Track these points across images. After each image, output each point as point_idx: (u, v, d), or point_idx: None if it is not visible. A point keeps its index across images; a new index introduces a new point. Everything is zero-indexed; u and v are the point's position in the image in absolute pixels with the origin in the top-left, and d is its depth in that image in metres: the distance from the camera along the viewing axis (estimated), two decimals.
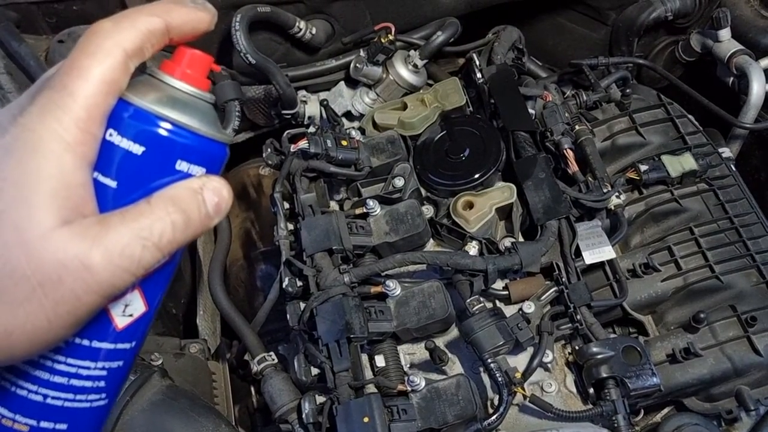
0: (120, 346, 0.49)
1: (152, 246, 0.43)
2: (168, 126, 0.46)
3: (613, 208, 1.19)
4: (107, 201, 0.45)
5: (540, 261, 1.10)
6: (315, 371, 1.06)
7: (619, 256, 1.20)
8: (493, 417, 0.96)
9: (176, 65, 0.48)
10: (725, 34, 1.46)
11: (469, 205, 1.16)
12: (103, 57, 0.43)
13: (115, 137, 0.45)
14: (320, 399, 1.04)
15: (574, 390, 1.08)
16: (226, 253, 1.26)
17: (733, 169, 1.34)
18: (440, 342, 1.13)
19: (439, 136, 1.25)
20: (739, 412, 1.10)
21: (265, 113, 1.54)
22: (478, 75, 1.28)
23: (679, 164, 1.22)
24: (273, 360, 1.13)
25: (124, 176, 0.46)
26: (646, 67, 1.55)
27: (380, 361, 1.08)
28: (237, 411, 1.38)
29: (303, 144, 1.18)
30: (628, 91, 1.30)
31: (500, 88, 1.27)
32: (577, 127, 1.28)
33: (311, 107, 1.40)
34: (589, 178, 1.20)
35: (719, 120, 1.45)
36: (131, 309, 0.48)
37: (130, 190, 0.46)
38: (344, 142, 1.20)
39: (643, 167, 1.21)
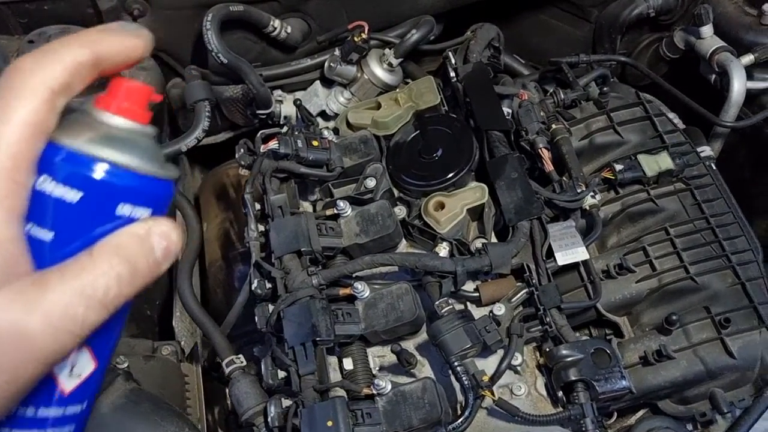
0: (69, 410, 0.44)
1: (97, 304, 0.39)
2: (105, 167, 0.42)
3: (588, 208, 1.18)
4: (44, 255, 0.41)
5: (510, 262, 1.08)
6: (282, 374, 1.05)
7: (594, 256, 1.19)
8: (459, 421, 0.95)
9: (111, 99, 0.44)
10: (707, 30, 1.44)
11: (440, 206, 1.14)
12: (26, 97, 0.39)
13: (47, 184, 0.41)
14: (287, 402, 1.03)
15: (545, 393, 1.06)
16: (196, 255, 1.25)
17: (713, 168, 1.32)
18: (410, 344, 1.12)
19: (412, 136, 1.23)
20: (713, 414, 1.09)
21: (243, 113, 1.53)
22: (452, 74, 1.26)
23: (656, 163, 1.20)
24: (241, 363, 1.12)
25: (61, 227, 0.42)
26: (628, 65, 1.53)
27: (348, 364, 1.07)
28: (216, 413, 1.37)
29: (273, 144, 1.17)
30: (605, 89, 1.29)
31: (475, 86, 1.25)
32: (553, 126, 1.26)
33: (287, 107, 1.38)
34: (564, 178, 1.19)
35: (702, 118, 1.43)
36: (79, 369, 0.44)
37: (69, 242, 0.42)
38: (315, 143, 1.18)
39: (619, 166, 1.19)
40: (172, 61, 1.40)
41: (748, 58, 1.37)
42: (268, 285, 1.12)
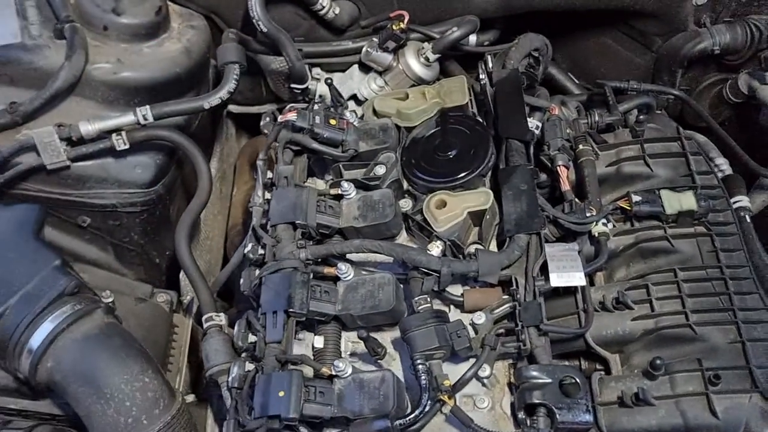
0: None
1: None
2: None
3: (596, 234, 1.13)
4: None
5: (498, 273, 1.05)
6: (252, 338, 1.07)
7: (597, 286, 1.15)
8: (407, 419, 0.93)
9: None
10: None
11: (442, 204, 1.12)
12: None
13: None
14: (250, 366, 1.04)
15: (509, 412, 1.03)
16: (200, 210, 1.28)
17: (747, 220, 1.25)
18: (387, 336, 1.11)
19: (432, 131, 1.22)
20: None
21: (288, 87, 1.55)
22: (482, 76, 1.24)
23: (678, 202, 1.14)
24: (220, 321, 1.14)
25: None
26: (680, 100, 1.45)
27: (319, 342, 1.07)
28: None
29: (291, 116, 1.18)
30: (641, 117, 1.23)
31: (504, 93, 1.23)
32: (580, 147, 1.22)
33: (323, 86, 1.40)
34: (577, 200, 1.15)
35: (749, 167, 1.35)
36: None
37: None
38: (333, 122, 1.19)
39: (636, 197, 1.14)
40: (222, 23, 1.44)
41: None
42: (261, 251, 1.13)
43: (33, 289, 1.03)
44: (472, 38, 1.43)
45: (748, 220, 1.29)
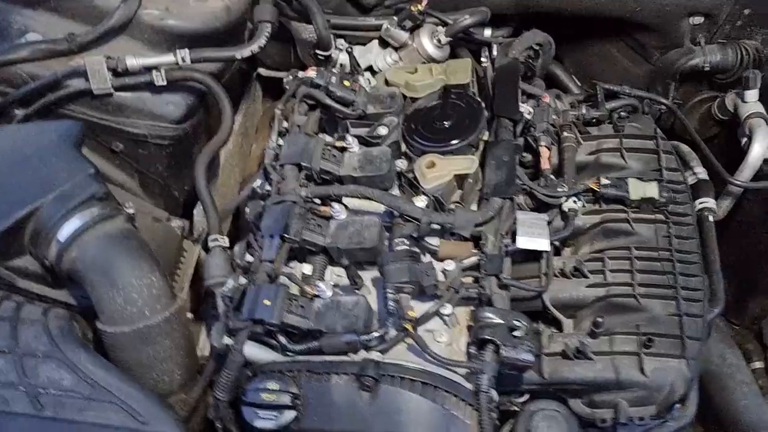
0: None
1: None
2: None
3: (566, 210, 1.27)
4: None
5: (472, 228, 1.19)
6: (250, 258, 1.21)
7: (562, 257, 1.28)
8: (370, 336, 1.07)
9: None
10: (752, 95, 1.47)
11: (432, 165, 1.26)
12: None
13: None
14: (244, 281, 1.19)
15: (464, 350, 1.16)
16: (220, 145, 1.43)
17: (710, 220, 1.37)
18: (367, 275, 1.24)
19: (433, 104, 1.36)
20: (613, 423, 1.14)
21: (314, 57, 1.71)
22: (483, 59, 1.38)
23: (642, 189, 1.27)
24: (224, 242, 1.29)
25: None
26: (666, 108, 1.57)
27: (307, 269, 1.22)
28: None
29: (311, 73, 1.33)
30: (623, 113, 1.36)
31: (503, 76, 1.37)
32: (564, 134, 1.36)
33: (345, 56, 1.55)
34: (552, 177, 1.28)
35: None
36: None
37: None
38: (346, 83, 1.34)
39: (605, 181, 1.27)
40: None
41: None
42: (268, 187, 1.28)
43: (68, 190, 1.19)
44: (487, 32, 1.57)
45: (711, 219, 1.42)
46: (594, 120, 1.41)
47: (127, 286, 1.15)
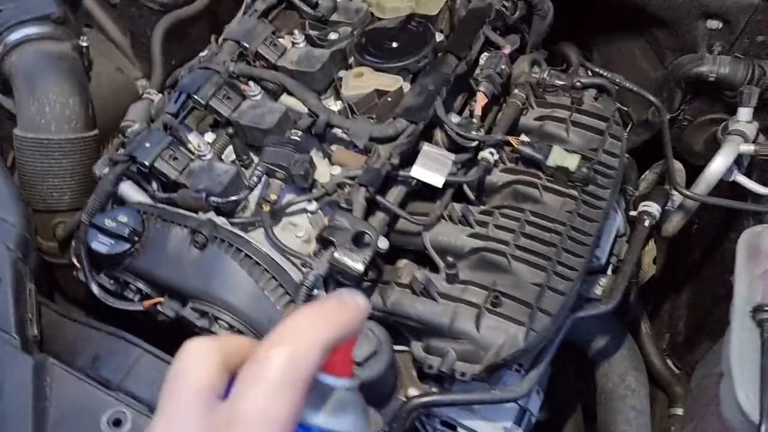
0: None
1: None
2: None
3: (480, 159, 1.21)
4: None
5: (366, 139, 1.17)
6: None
7: (464, 205, 1.22)
8: (219, 199, 1.09)
9: (333, 363, 0.44)
10: (744, 113, 1.34)
11: (360, 75, 1.25)
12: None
13: None
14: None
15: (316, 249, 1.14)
16: (188, 14, 1.50)
17: (645, 224, 1.28)
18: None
19: (392, 26, 1.35)
20: (438, 372, 1.09)
21: None
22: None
23: (561, 158, 1.19)
24: (154, 96, 1.35)
25: None
26: (655, 109, 1.46)
27: (209, 137, 1.25)
28: None
29: None
30: (578, 83, 1.28)
31: (469, 18, 1.33)
32: (515, 91, 1.30)
33: None
34: (474, 121, 1.23)
35: None
36: None
37: None
38: None
39: (525, 139, 1.20)
40: None
41: (748, 147, 1.26)
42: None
43: (31, 3, 1.30)
44: None
45: (646, 224, 1.31)
46: (555, 88, 1.33)
47: (42, 97, 1.24)
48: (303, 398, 0.41)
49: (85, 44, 1.35)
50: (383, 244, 1.07)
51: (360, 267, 1.04)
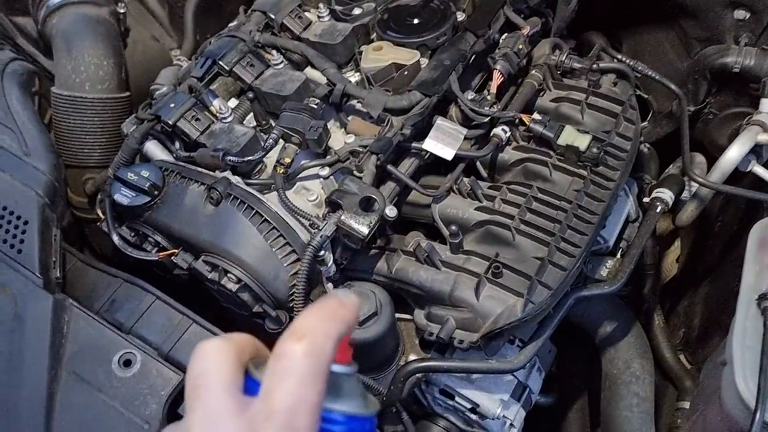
0: None
1: None
2: (340, 419, 0.47)
3: (492, 135, 1.23)
4: None
5: (380, 110, 1.20)
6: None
7: (473, 179, 1.24)
8: (236, 158, 1.14)
9: (339, 352, 0.48)
10: (767, 104, 1.32)
11: (379, 48, 1.29)
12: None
13: None
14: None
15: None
16: None
17: (657, 210, 1.28)
18: None
19: (414, 3, 1.37)
20: (437, 339, 1.11)
21: None
22: None
23: (573, 138, 1.20)
24: (183, 63, 1.40)
25: None
26: (675, 95, 1.45)
27: (232, 103, 1.30)
28: None
29: None
30: (595, 66, 1.29)
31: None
32: (533, 72, 1.31)
33: None
34: (489, 98, 1.25)
35: None
36: None
37: None
38: None
39: (537, 117, 1.22)
40: None
41: (766, 137, 1.25)
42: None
43: None
44: None
45: (658, 210, 1.30)
46: (573, 70, 1.34)
47: (78, 57, 1.30)
48: (325, 386, 0.45)
49: (122, 11, 1.41)
50: (391, 212, 1.10)
51: (364, 230, 1.07)
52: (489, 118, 1.22)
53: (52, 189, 1.15)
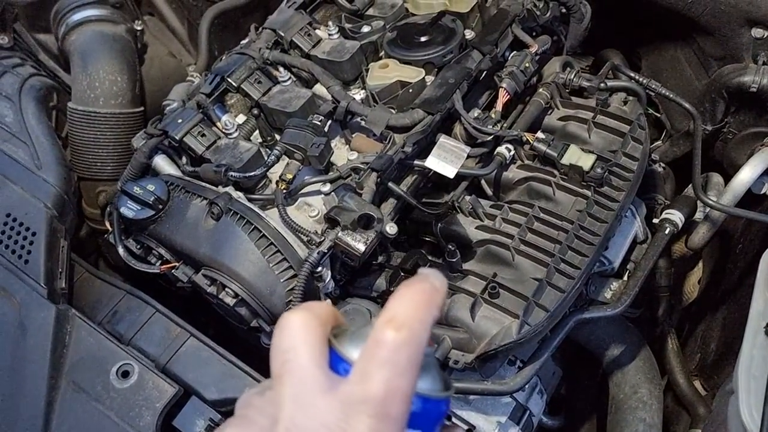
0: None
1: None
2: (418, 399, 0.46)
3: (495, 154, 1.22)
4: None
5: (383, 127, 1.20)
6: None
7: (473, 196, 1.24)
8: (237, 174, 1.15)
9: None
10: None
11: (385, 66, 1.29)
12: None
13: None
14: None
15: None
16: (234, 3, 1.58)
17: (666, 231, 1.25)
18: None
19: (423, 22, 1.38)
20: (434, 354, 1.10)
21: None
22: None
23: (577, 157, 1.18)
24: (197, 79, 1.43)
25: None
26: (688, 113, 1.41)
27: (240, 119, 1.32)
28: None
29: None
30: (602, 85, 1.27)
31: (498, 15, 1.34)
32: (540, 90, 1.30)
33: None
34: (493, 117, 1.24)
35: None
36: None
37: None
38: None
39: (541, 135, 1.21)
40: None
41: None
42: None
43: None
44: None
45: (667, 231, 1.28)
46: (582, 89, 1.33)
47: (93, 73, 1.34)
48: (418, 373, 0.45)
49: (139, 28, 1.45)
50: (392, 229, 1.10)
51: (361, 247, 1.07)
52: (492, 136, 1.22)
53: (61, 201, 1.19)
